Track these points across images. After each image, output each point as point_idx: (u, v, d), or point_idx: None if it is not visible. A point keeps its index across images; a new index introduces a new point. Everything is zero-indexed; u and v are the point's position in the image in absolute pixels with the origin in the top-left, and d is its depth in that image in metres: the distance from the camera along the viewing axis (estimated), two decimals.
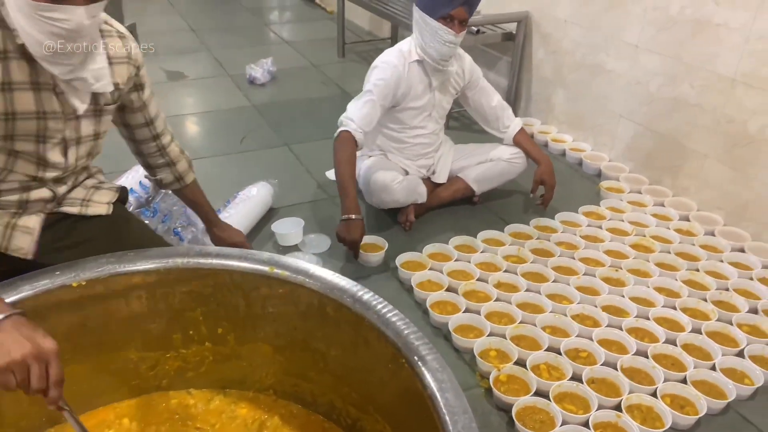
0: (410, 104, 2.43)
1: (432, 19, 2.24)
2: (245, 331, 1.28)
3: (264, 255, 1.19)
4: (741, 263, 2.27)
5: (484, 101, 2.60)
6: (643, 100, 2.73)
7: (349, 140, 2.25)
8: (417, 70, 2.38)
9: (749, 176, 2.36)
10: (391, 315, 1.06)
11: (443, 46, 2.27)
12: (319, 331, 1.19)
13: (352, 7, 4.33)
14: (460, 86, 2.55)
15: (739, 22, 2.26)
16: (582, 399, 1.71)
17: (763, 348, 1.89)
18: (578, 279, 2.15)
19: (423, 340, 1.02)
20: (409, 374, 0.99)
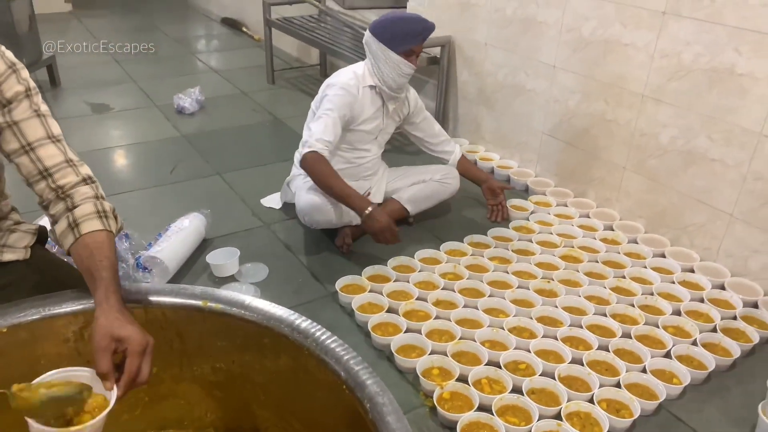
0: (360, 127, 2.48)
1: (393, 52, 2.34)
2: (181, 368, 1.24)
3: (197, 289, 1.17)
4: (663, 268, 2.39)
5: (428, 129, 2.72)
6: (563, 117, 2.86)
7: (318, 158, 2.27)
8: (370, 95, 2.45)
9: (664, 185, 2.50)
10: (330, 341, 1.06)
11: (402, 77, 2.40)
12: (257, 363, 1.18)
13: (280, 34, 4.35)
14: (404, 114, 2.64)
15: (644, 41, 2.41)
16: (523, 411, 1.75)
17: (688, 348, 1.99)
18: (512, 292, 2.21)
19: (363, 364, 1.03)
20: (350, 400, 0.99)
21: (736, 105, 2.18)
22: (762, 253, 2.22)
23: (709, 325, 2.08)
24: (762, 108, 2.10)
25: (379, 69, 2.40)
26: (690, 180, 2.39)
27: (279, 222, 2.71)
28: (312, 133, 2.31)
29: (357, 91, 2.40)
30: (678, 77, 2.33)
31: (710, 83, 2.24)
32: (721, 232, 2.33)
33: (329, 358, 1.03)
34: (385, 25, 2.35)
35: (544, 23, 2.81)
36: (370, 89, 2.45)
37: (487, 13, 3.10)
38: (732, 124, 2.20)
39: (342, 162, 2.54)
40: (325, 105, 2.36)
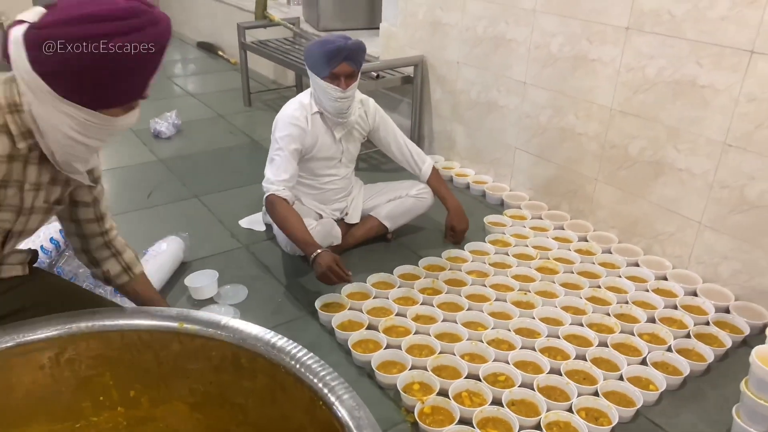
0: (319, 155, 2.47)
1: (319, 78, 2.32)
2: (159, 391, 1.24)
3: (172, 311, 1.18)
4: (637, 276, 2.44)
5: (393, 143, 2.66)
6: (535, 132, 2.92)
7: (277, 200, 2.29)
8: (320, 122, 2.44)
9: (635, 195, 2.56)
10: (307, 358, 1.07)
11: (335, 102, 2.34)
12: (235, 383, 1.18)
13: (256, 57, 4.38)
14: (365, 131, 2.62)
15: (610, 56, 2.49)
16: (504, 422, 1.76)
17: (663, 354, 2.02)
18: (490, 305, 2.24)
19: (339, 380, 1.04)
20: (327, 416, 1.01)
21: (699, 116, 2.25)
22: (731, 259, 2.28)
23: (683, 331, 2.12)
24: (724, 118, 2.17)
25: (317, 96, 2.39)
26: (659, 190, 2.45)
27: (257, 243, 2.71)
28: (267, 177, 2.33)
29: (306, 122, 2.37)
30: (643, 90, 2.40)
31: (674, 95, 2.31)
32: (692, 239, 2.39)
33: (305, 375, 1.05)
34: (308, 50, 2.34)
35: (514, 41, 2.88)
36: (320, 116, 2.42)
37: (458, 32, 3.16)
38: (697, 134, 2.27)
39: (310, 190, 2.55)
40: (274, 145, 2.37)
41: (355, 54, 2.30)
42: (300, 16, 4.59)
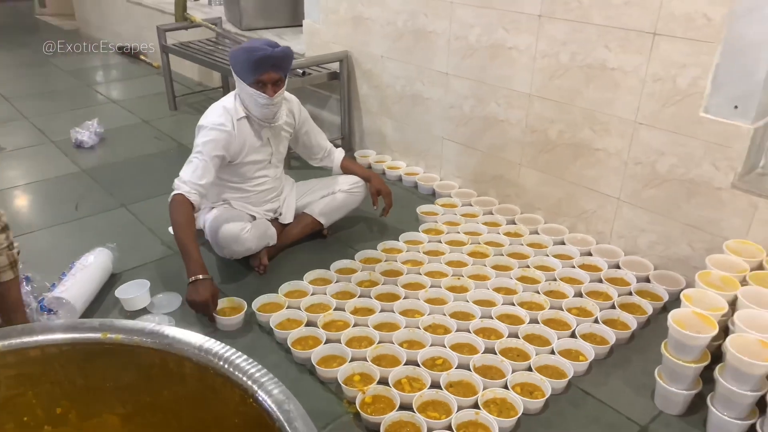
0: (249, 159, 2.44)
1: (245, 84, 2.29)
2: (87, 405, 1.21)
3: (94, 322, 1.15)
4: (563, 254, 2.54)
5: (313, 138, 2.71)
6: (460, 122, 2.99)
7: (182, 203, 2.23)
8: (248, 127, 2.40)
9: (557, 177, 2.66)
10: (235, 357, 1.07)
11: (262, 108, 2.32)
12: (165, 390, 1.17)
13: (179, 60, 4.29)
14: (293, 129, 2.62)
15: (525, 44, 2.57)
16: (443, 404, 1.81)
17: (591, 326, 2.12)
18: (426, 292, 2.29)
19: (268, 375, 1.05)
20: (258, 412, 1.01)
21: (611, 97, 2.36)
22: (648, 231, 2.41)
23: (608, 302, 2.23)
24: (634, 98, 2.29)
25: (243, 100, 2.36)
26: (579, 170, 2.56)
27: None
28: (181, 176, 2.28)
29: (231, 127, 2.33)
30: (558, 75, 2.50)
31: (587, 79, 2.41)
32: (611, 215, 2.51)
33: (234, 374, 1.05)
34: (234, 55, 2.29)
35: (434, 33, 2.93)
36: (247, 120, 2.39)
37: (379, 27, 3.19)
38: (610, 115, 2.38)
39: (241, 193, 2.52)
40: (196, 149, 2.31)
41: (281, 61, 2.28)
42: (222, 16, 4.52)
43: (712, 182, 2.14)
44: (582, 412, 1.85)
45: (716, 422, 1.73)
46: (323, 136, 2.76)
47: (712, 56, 2.03)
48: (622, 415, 1.84)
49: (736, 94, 2.00)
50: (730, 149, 2.06)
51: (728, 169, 2.08)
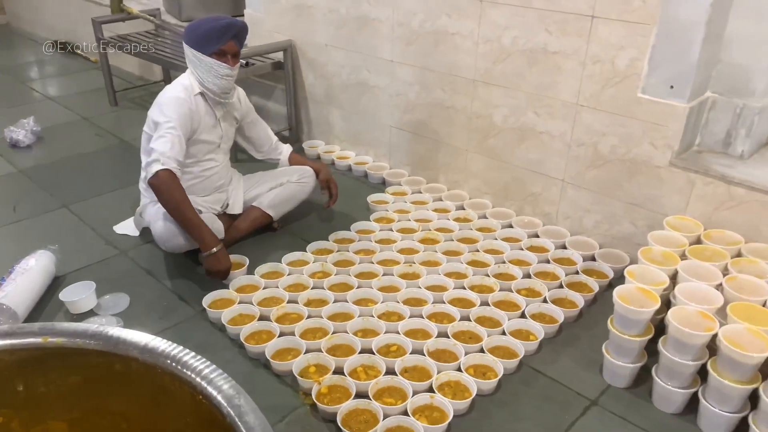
0: (202, 137, 2.42)
1: (204, 55, 2.29)
2: (31, 412, 1.17)
3: (34, 326, 1.11)
4: (511, 237, 2.59)
5: (261, 130, 2.71)
6: (407, 109, 3.00)
7: (170, 178, 2.19)
8: (203, 104, 2.40)
9: (504, 161, 2.70)
10: (183, 355, 1.05)
11: (221, 79, 2.33)
12: (112, 392, 1.14)
13: (118, 53, 4.14)
14: (240, 116, 2.61)
15: (468, 29, 2.59)
16: (399, 390, 1.83)
17: (540, 306, 2.17)
18: (379, 280, 2.29)
19: (218, 371, 1.03)
20: (208, 409, 0.99)
21: (553, 80, 2.40)
22: (593, 211, 2.48)
23: (556, 282, 2.29)
24: (575, 81, 2.34)
25: (198, 74, 2.35)
26: (524, 154, 2.61)
27: (136, 247, 2.60)
28: (160, 150, 2.20)
29: (191, 102, 2.33)
30: (501, 60, 2.53)
31: (529, 63, 2.45)
32: (557, 197, 2.57)
33: (183, 371, 1.03)
34: (191, 29, 2.32)
35: (377, 20, 2.92)
36: (201, 97, 2.39)
37: (322, 15, 3.16)
38: (553, 98, 2.43)
39: (190, 177, 2.47)
40: (165, 123, 2.26)
41: (242, 33, 2.34)
42: (160, 7, 4.39)
43: (652, 161, 2.21)
44: (534, 391, 1.89)
45: (661, 392, 1.80)
46: (269, 128, 2.76)
47: (648, 38, 2.09)
48: (573, 391, 1.89)
49: (672, 75, 2.07)
50: (667, 128, 2.13)
51: (666, 147, 2.16)
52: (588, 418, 1.79)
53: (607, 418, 1.79)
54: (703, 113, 2.18)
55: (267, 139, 2.74)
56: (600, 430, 1.75)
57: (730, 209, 2.06)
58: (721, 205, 2.08)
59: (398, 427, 1.70)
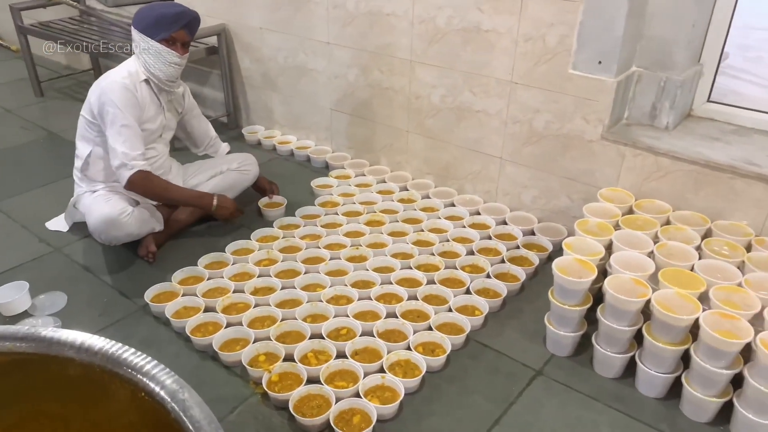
0: (145, 126, 2.35)
1: (154, 41, 2.24)
2: None
3: None
4: (454, 216, 2.63)
5: (203, 125, 2.69)
6: (346, 91, 2.98)
7: (142, 178, 2.24)
8: (147, 91, 2.34)
9: (443, 141, 2.73)
10: (121, 352, 1.02)
11: (169, 67, 2.30)
12: (49, 395, 1.10)
13: (41, 42, 3.94)
14: (182, 108, 2.56)
15: (402, 9, 2.58)
16: (350, 372, 1.84)
17: (483, 281, 2.22)
18: (326, 265, 2.29)
19: (159, 366, 1.01)
20: (152, 406, 0.97)
21: (487, 59, 2.43)
22: (530, 187, 2.54)
23: (498, 257, 2.34)
24: (508, 59, 2.37)
25: (145, 61, 2.29)
26: (463, 133, 2.64)
27: (72, 243, 2.50)
28: (123, 152, 2.20)
29: (135, 89, 2.27)
30: (437, 40, 2.54)
31: (464, 42, 2.47)
32: (496, 174, 2.62)
33: (121, 369, 1.00)
34: (142, 14, 2.27)
35: (312, 2, 2.88)
36: (146, 84, 2.33)
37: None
38: (487, 77, 2.46)
39: None
40: (115, 115, 2.20)
41: (194, 23, 2.33)
42: None
43: (584, 135, 2.28)
44: (481, 364, 1.94)
45: (601, 358, 1.87)
46: (210, 125, 2.74)
47: (576, 15, 2.14)
48: (518, 362, 1.95)
49: (600, 50, 2.13)
50: (597, 103, 2.20)
51: (597, 122, 2.23)
52: (534, 387, 1.85)
53: (551, 387, 1.85)
54: (630, 87, 2.25)
55: (206, 135, 2.72)
56: (545, 398, 1.81)
57: (658, 179, 2.16)
58: (650, 176, 2.17)
59: (350, 409, 1.72)
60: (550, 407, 1.78)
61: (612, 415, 1.75)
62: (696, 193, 2.09)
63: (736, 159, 2.02)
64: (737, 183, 2.01)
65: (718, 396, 1.68)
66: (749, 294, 1.71)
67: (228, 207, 2.47)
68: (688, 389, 1.71)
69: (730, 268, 1.83)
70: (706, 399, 1.67)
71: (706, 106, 2.35)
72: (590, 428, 1.71)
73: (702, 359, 1.65)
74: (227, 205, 2.47)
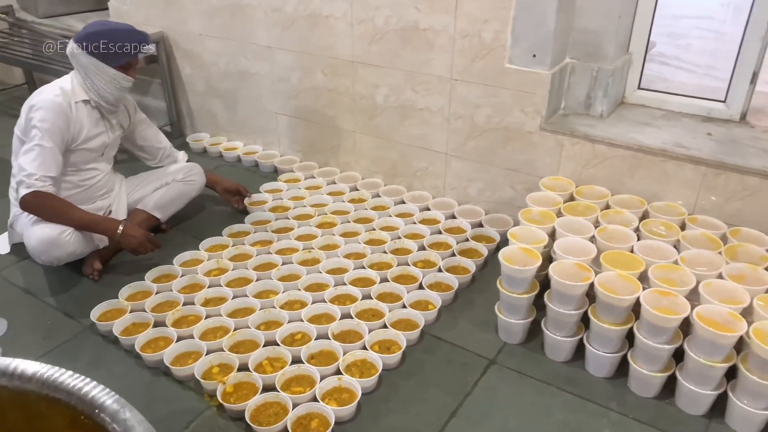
0: (84, 146, 2.29)
1: (109, 66, 2.19)
2: None
3: None
4: (404, 213, 2.65)
5: (152, 137, 2.63)
6: (290, 95, 2.97)
7: (43, 196, 2.11)
8: (86, 111, 2.26)
9: (390, 140, 2.75)
10: (58, 375, 1.00)
11: (121, 91, 2.27)
12: None
13: None
14: (127, 123, 2.50)
15: (341, 11, 2.59)
16: (306, 377, 1.83)
17: (435, 275, 2.25)
18: (278, 270, 2.28)
19: (99, 387, 0.99)
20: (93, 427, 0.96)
21: (427, 57, 2.46)
22: (476, 180, 2.58)
23: (449, 251, 2.37)
24: (447, 56, 2.40)
25: (93, 83, 2.23)
26: (408, 131, 2.66)
27: (11, 266, 2.42)
28: (27, 171, 2.10)
29: (69, 109, 2.20)
30: (377, 40, 2.55)
31: (403, 42, 2.49)
32: (442, 170, 2.65)
33: (59, 393, 0.98)
34: (96, 39, 2.17)
35: (250, 6, 2.85)
36: (84, 104, 2.26)
37: (192, 4, 3.05)
38: (428, 74, 2.49)
39: (70, 187, 2.33)
40: (35, 134, 2.12)
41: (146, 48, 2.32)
42: (13, 3, 4.04)
43: (523, 127, 2.33)
44: (437, 357, 1.97)
45: (551, 343, 1.92)
46: (162, 134, 2.69)
47: (509, 10, 2.18)
48: (472, 353, 1.98)
49: (533, 44, 2.18)
50: (534, 95, 2.25)
51: (535, 113, 2.28)
52: (488, 376, 1.89)
53: (505, 374, 1.89)
54: (565, 78, 2.32)
55: (160, 146, 2.66)
56: (500, 386, 1.85)
57: (596, 166, 2.22)
58: (588, 163, 2.23)
59: (308, 414, 1.71)
60: (505, 394, 1.81)
61: (564, 398, 1.80)
62: (632, 177, 2.17)
63: (667, 142, 2.10)
64: (669, 165, 2.09)
65: (661, 371, 1.74)
66: (685, 271, 1.78)
67: (136, 236, 2.24)
68: (634, 366, 1.77)
69: (666, 248, 1.90)
70: (651, 374, 1.74)
71: (637, 93, 2.43)
72: (544, 412, 1.75)
73: (644, 336, 1.71)
74: (135, 234, 2.24)
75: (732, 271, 1.79)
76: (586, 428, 1.70)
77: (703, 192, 2.06)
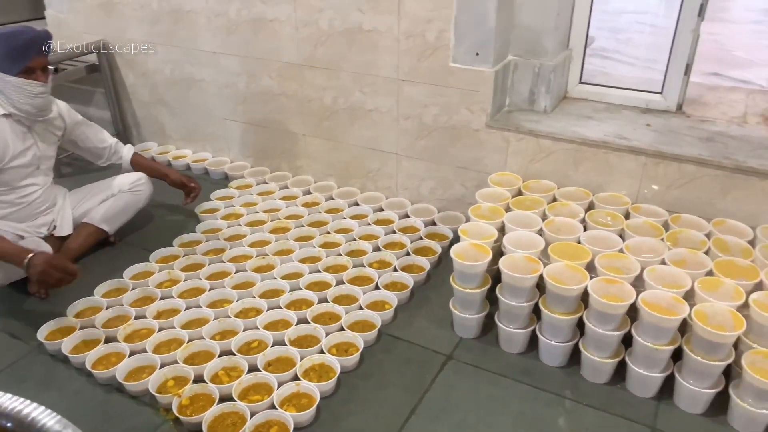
0: (13, 164, 2.19)
1: (10, 76, 2.08)
2: None
3: None
4: (359, 214, 2.65)
5: (93, 138, 2.53)
6: (238, 100, 2.94)
7: None
8: (9, 126, 2.17)
9: (341, 142, 2.75)
10: None
11: (35, 98, 2.14)
12: None
13: None
14: (61, 131, 2.41)
15: (285, 14, 2.58)
16: (264, 385, 1.81)
17: (391, 275, 2.26)
18: (232, 278, 2.25)
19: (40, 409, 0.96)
20: None
21: (373, 58, 2.47)
22: (427, 179, 2.60)
23: (403, 250, 2.39)
24: (392, 57, 2.42)
25: (7, 96, 2.14)
26: (359, 132, 2.67)
27: None
28: None
29: None
30: (322, 43, 2.55)
31: (348, 43, 2.49)
32: (394, 170, 2.67)
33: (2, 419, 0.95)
34: None
35: (192, 12, 2.81)
36: (5, 119, 2.17)
37: (133, 11, 2.99)
38: (375, 75, 2.50)
39: (6, 206, 2.25)
40: None
41: (49, 43, 2.15)
42: None
43: (470, 125, 2.36)
44: (394, 357, 1.98)
45: (505, 336, 1.95)
46: (104, 132, 2.57)
47: (451, 10, 2.21)
48: (429, 350, 2.00)
49: (476, 43, 2.21)
50: (479, 93, 2.28)
51: (480, 111, 2.31)
52: (446, 372, 1.91)
53: (462, 369, 1.92)
54: (508, 76, 2.36)
55: (104, 144, 2.55)
56: (457, 381, 1.87)
57: (542, 160, 2.27)
58: (534, 158, 2.28)
59: (267, 422, 1.70)
60: (462, 389, 1.84)
61: (520, 389, 1.83)
62: (576, 169, 2.22)
63: (609, 135, 2.16)
64: (611, 157, 2.15)
65: (611, 357, 1.79)
66: (630, 258, 1.83)
67: (40, 264, 1.96)
68: (586, 354, 1.81)
69: (612, 237, 1.96)
70: (602, 361, 1.79)
71: (579, 87, 2.49)
72: (501, 404, 1.78)
73: (594, 324, 1.76)
74: (36, 265, 1.96)
75: (674, 257, 1.85)
76: (542, 417, 1.73)
77: (645, 181, 2.13)
